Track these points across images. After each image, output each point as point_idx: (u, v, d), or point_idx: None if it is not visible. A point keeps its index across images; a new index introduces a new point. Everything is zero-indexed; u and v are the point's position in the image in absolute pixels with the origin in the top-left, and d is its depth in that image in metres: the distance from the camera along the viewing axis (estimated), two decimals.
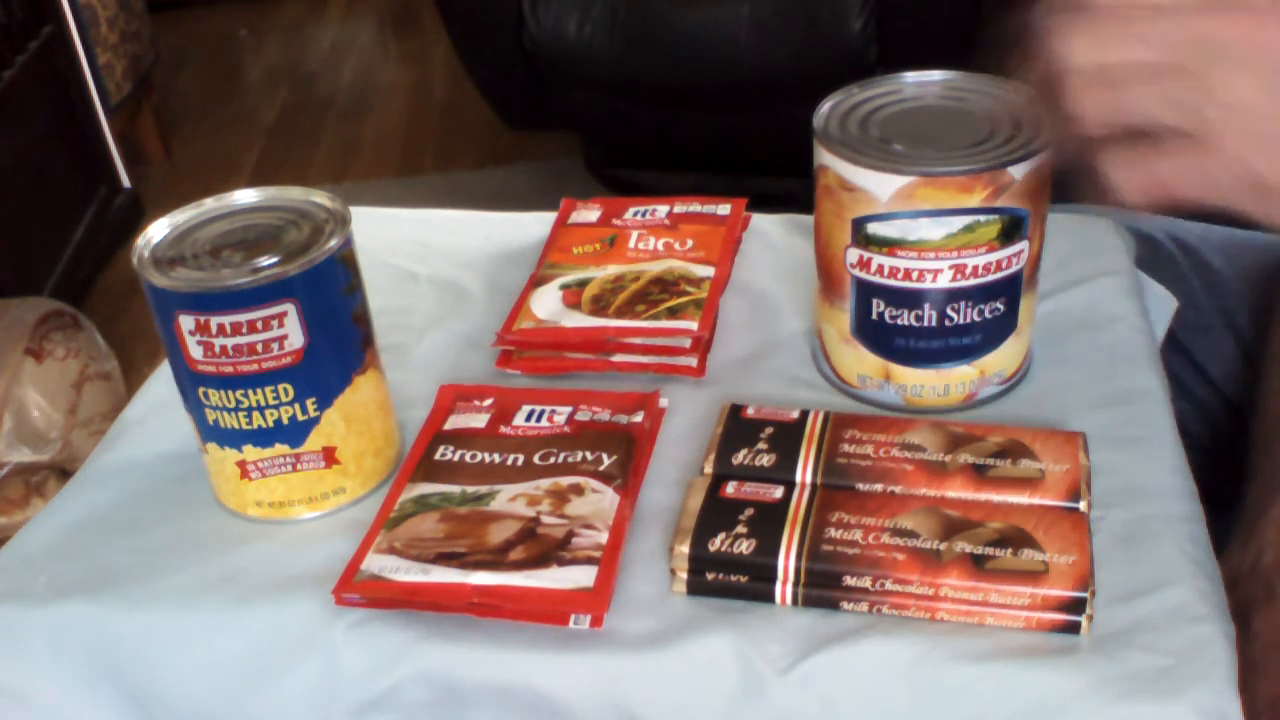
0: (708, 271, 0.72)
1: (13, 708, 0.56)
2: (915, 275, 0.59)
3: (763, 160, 1.93)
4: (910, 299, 0.60)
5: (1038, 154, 0.56)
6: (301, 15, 3.56)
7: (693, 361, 0.67)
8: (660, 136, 2.09)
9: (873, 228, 0.59)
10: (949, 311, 0.60)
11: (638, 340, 0.67)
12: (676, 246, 0.74)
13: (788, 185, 1.30)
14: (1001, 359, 0.62)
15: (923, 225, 0.57)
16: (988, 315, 0.60)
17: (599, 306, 0.69)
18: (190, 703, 0.55)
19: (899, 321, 0.61)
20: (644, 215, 0.77)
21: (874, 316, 0.61)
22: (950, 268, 0.58)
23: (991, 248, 0.58)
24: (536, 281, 0.73)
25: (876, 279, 0.60)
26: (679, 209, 0.78)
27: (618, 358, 0.68)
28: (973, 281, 0.59)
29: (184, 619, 0.55)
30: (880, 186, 0.57)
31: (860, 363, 0.64)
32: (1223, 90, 0.43)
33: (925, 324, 0.60)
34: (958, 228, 0.57)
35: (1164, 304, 0.76)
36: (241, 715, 0.55)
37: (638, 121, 2.07)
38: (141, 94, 2.63)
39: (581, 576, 0.53)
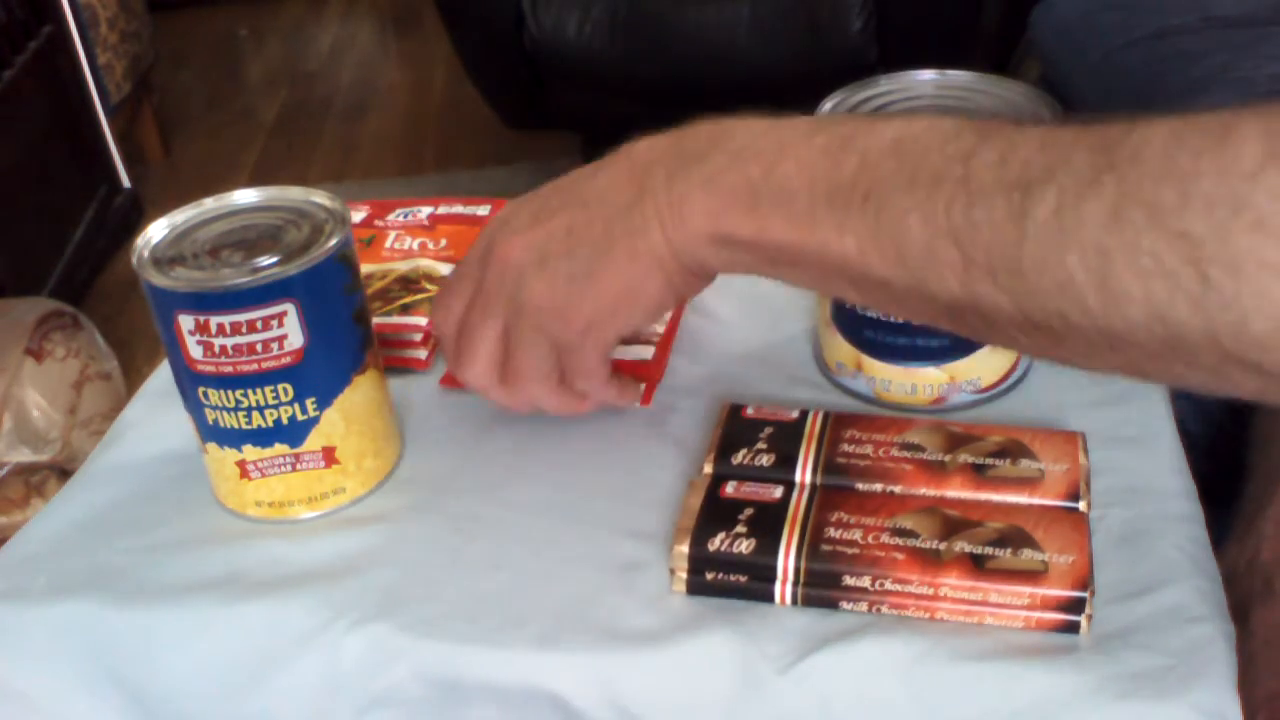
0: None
1: (13, 707, 0.56)
2: None
3: None
4: None
5: None
6: (301, 15, 3.56)
7: (422, 355, 0.69)
8: None
9: None
10: None
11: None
12: (430, 246, 0.76)
13: None
14: (974, 368, 0.62)
15: None
16: None
17: None
18: (190, 702, 0.55)
19: (868, 313, 0.61)
20: (406, 216, 0.79)
21: (847, 305, 0.62)
22: None
23: None
24: None
25: None
26: (442, 210, 0.79)
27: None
28: None
29: (184, 618, 0.55)
30: None
31: (838, 350, 0.64)
32: None
33: (891, 319, 0.60)
34: None
35: None
36: (241, 714, 0.55)
37: (638, 121, 2.06)
38: (141, 94, 2.63)
39: (642, 351, 0.66)
